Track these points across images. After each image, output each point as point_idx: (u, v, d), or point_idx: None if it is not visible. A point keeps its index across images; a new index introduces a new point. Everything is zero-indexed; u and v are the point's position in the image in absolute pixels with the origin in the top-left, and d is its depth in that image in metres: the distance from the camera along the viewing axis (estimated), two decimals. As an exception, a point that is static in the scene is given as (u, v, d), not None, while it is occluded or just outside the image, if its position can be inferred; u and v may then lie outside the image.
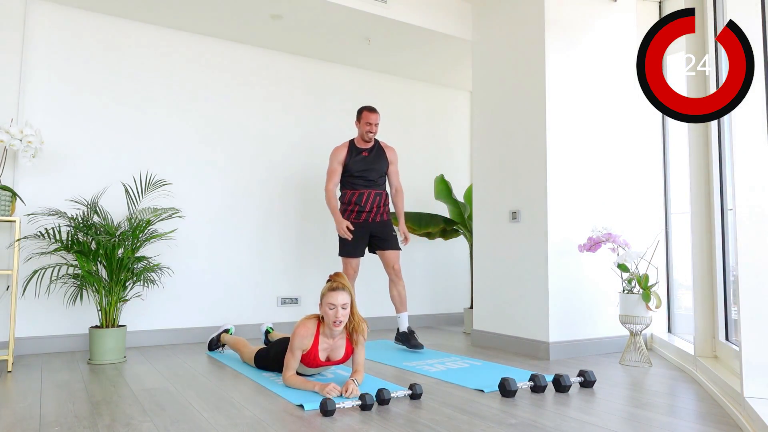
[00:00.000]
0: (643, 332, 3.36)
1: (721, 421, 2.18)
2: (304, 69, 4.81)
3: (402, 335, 3.83)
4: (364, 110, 3.87)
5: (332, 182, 3.87)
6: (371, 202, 3.87)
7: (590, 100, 3.83)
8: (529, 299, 3.68)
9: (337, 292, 2.60)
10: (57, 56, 3.83)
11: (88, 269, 3.36)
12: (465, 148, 5.67)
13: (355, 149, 3.89)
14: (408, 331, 3.81)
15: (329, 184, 3.87)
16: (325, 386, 2.47)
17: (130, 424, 2.12)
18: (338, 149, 3.91)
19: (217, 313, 4.26)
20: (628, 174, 3.95)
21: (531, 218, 3.70)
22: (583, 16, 3.85)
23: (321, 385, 2.49)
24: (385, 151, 3.96)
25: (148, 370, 3.14)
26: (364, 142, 3.91)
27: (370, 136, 3.86)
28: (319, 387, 2.49)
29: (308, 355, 2.67)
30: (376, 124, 3.86)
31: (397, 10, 4.15)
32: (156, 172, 3.99)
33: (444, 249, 5.40)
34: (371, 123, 3.83)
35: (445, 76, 5.35)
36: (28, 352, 3.59)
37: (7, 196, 3.27)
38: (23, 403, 2.41)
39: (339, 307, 2.58)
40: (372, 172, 3.89)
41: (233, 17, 4.10)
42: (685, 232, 3.65)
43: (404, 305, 3.88)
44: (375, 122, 3.84)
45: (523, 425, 2.10)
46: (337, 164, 3.88)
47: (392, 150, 4.01)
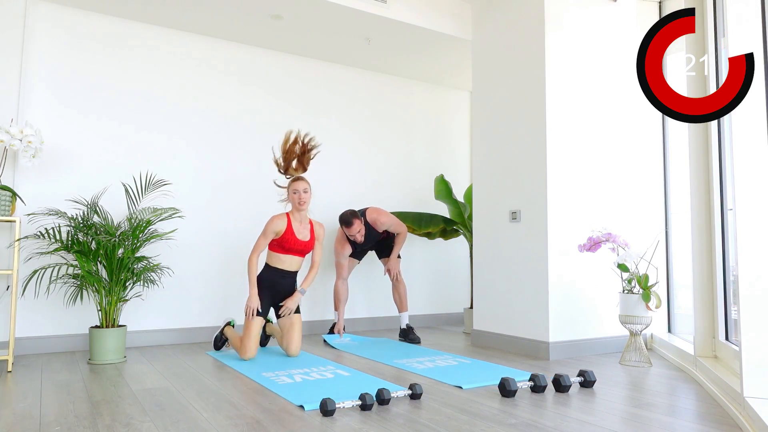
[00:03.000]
0: (643, 332, 3.37)
1: (721, 421, 2.18)
2: (304, 69, 4.81)
3: (402, 332, 4.25)
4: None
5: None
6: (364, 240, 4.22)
7: (590, 100, 3.83)
8: (529, 299, 3.68)
9: (298, 181, 3.46)
10: (57, 56, 3.83)
11: (88, 269, 3.36)
12: (465, 148, 5.67)
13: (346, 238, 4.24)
14: (406, 327, 4.24)
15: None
16: (253, 298, 3.38)
17: (130, 424, 2.12)
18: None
19: (217, 313, 4.26)
20: (628, 174, 3.95)
21: (531, 218, 3.70)
22: (583, 16, 3.85)
23: (253, 295, 3.40)
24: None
25: (148, 370, 3.14)
26: (347, 229, 4.07)
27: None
28: (251, 295, 3.40)
29: (287, 233, 3.45)
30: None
31: (397, 10, 4.15)
32: (156, 172, 3.99)
33: (444, 249, 5.40)
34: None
35: (445, 76, 5.35)
36: (28, 352, 3.59)
37: (7, 196, 3.27)
38: (23, 403, 2.41)
39: (301, 192, 3.44)
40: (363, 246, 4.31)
41: (233, 17, 4.10)
42: (685, 232, 3.65)
43: (404, 305, 4.33)
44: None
45: (523, 425, 2.10)
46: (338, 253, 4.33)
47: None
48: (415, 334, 4.19)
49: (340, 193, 4.86)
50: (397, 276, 4.32)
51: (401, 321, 4.30)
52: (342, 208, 4.83)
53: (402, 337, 4.24)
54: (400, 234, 4.32)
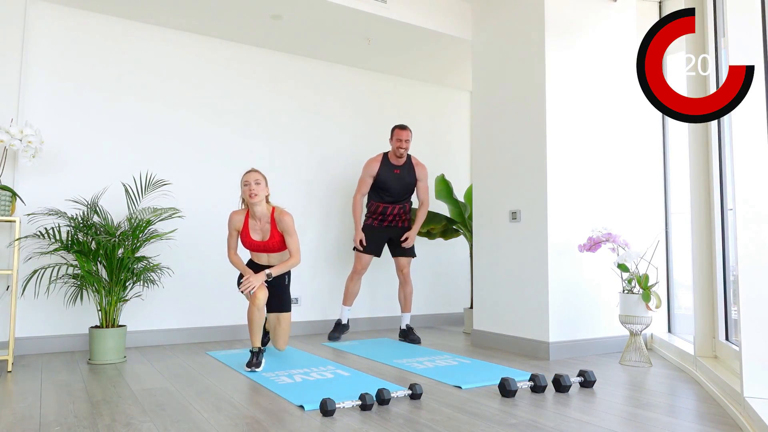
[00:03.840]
0: (643, 332, 3.36)
1: (721, 421, 2.18)
2: (304, 69, 4.81)
3: (402, 332, 4.25)
4: (396, 128, 4.22)
5: (360, 192, 4.27)
6: (396, 213, 4.28)
7: (590, 100, 3.83)
8: (529, 299, 3.68)
9: (249, 173, 3.30)
10: (57, 56, 3.83)
11: (88, 269, 3.36)
12: (465, 148, 5.67)
13: (388, 164, 4.23)
14: (407, 328, 4.24)
15: (357, 194, 4.27)
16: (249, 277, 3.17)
17: (130, 424, 2.12)
18: (371, 162, 4.26)
19: (217, 313, 4.26)
20: (628, 174, 3.95)
21: (531, 218, 3.70)
22: (583, 16, 3.85)
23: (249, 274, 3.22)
24: (415, 169, 4.29)
25: (148, 370, 3.14)
26: (396, 158, 4.23)
27: (401, 152, 4.18)
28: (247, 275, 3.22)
29: (243, 233, 3.35)
30: (407, 140, 4.19)
31: (397, 10, 4.15)
32: (156, 172, 3.99)
33: (444, 249, 5.40)
34: (401, 140, 4.17)
35: (445, 76, 5.35)
36: (28, 352, 3.59)
37: (7, 196, 3.27)
38: (23, 403, 2.41)
39: (252, 183, 3.24)
40: (400, 190, 4.25)
41: (233, 17, 4.09)
42: (685, 232, 3.65)
43: (408, 306, 4.32)
44: (405, 138, 4.18)
45: (523, 425, 2.10)
46: (368, 177, 4.24)
47: (423, 168, 4.34)
48: (416, 335, 4.18)
49: (340, 193, 4.86)
50: (406, 276, 4.32)
51: (402, 321, 4.29)
52: (341, 207, 4.84)
53: (402, 338, 4.24)
54: (424, 204, 4.32)
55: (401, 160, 4.23)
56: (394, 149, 4.19)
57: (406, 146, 4.18)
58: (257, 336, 3.24)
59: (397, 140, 4.17)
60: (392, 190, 4.22)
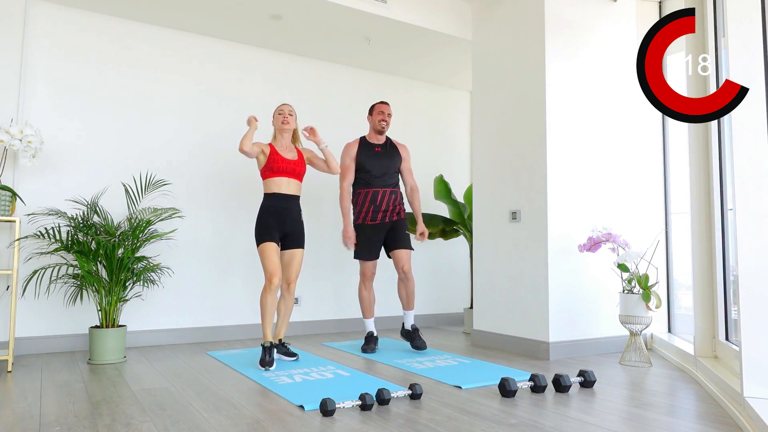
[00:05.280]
0: (643, 332, 3.37)
1: (721, 421, 2.18)
2: (304, 69, 4.81)
3: (406, 333, 3.84)
4: (378, 103, 3.91)
5: (346, 180, 3.85)
6: (387, 201, 3.81)
7: (590, 100, 3.83)
8: (529, 299, 3.68)
9: (284, 105, 3.57)
10: (57, 56, 3.83)
11: (88, 269, 3.37)
12: (465, 148, 5.67)
13: (368, 144, 3.87)
14: (411, 329, 3.79)
15: (343, 182, 3.84)
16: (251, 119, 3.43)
17: (130, 424, 2.12)
18: (349, 145, 3.89)
19: (217, 313, 4.26)
20: (628, 174, 3.94)
21: (531, 218, 3.70)
22: (583, 16, 3.85)
23: (252, 126, 3.41)
24: (397, 148, 3.94)
25: (148, 370, 3.14)
26: (376, 136, 3.88)
27: (382, 125, 3.84)
28: (251, 127, 3.41)
29: (273, 153, 3.46)
30: (389, 114, 3.88)
31: (397, 10, 4.15)
32: (156, 172, 3.99)
33: (444, 249, 5.40)
34: (384, 112, 3.85)
35: (445, 76, 5.35)
36: (28, 352, 3.59)
37: (7, 196, 3.27)
38: (23, 403, 2.41)
39: (287, 113, 3.52)
40: (386, 169, 3.84)
41: (233, 17, 4.10)
42: (685, 232, 3.65)
43: (411, 304, 3.84)
44: (388, 112, 3.87)
45: (523, 425, 2.10)
46: (350, 160, 3.84)
47: (404, 147, 3.99)
48: (422, 339, 3.74)
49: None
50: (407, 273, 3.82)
51: (405, 320, 3.86)
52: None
53: (405, 338, 3.84)
54: (414, 189, 3.96)
55: (381, 138, 3.89)
56: (375, 123, 3.84)
57: (388, 120, 3.86)
58: (269, 325, 3.25)
59: (379, 113, 3.84)
60: (376, 169, 3.81)
